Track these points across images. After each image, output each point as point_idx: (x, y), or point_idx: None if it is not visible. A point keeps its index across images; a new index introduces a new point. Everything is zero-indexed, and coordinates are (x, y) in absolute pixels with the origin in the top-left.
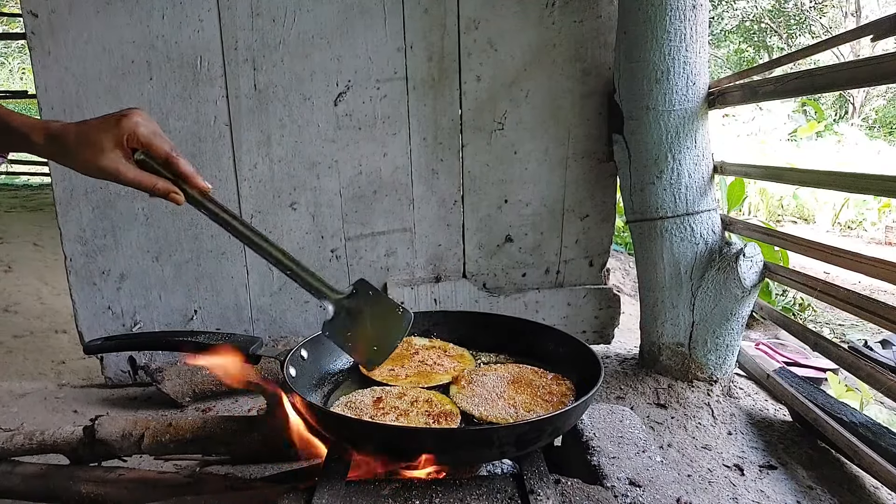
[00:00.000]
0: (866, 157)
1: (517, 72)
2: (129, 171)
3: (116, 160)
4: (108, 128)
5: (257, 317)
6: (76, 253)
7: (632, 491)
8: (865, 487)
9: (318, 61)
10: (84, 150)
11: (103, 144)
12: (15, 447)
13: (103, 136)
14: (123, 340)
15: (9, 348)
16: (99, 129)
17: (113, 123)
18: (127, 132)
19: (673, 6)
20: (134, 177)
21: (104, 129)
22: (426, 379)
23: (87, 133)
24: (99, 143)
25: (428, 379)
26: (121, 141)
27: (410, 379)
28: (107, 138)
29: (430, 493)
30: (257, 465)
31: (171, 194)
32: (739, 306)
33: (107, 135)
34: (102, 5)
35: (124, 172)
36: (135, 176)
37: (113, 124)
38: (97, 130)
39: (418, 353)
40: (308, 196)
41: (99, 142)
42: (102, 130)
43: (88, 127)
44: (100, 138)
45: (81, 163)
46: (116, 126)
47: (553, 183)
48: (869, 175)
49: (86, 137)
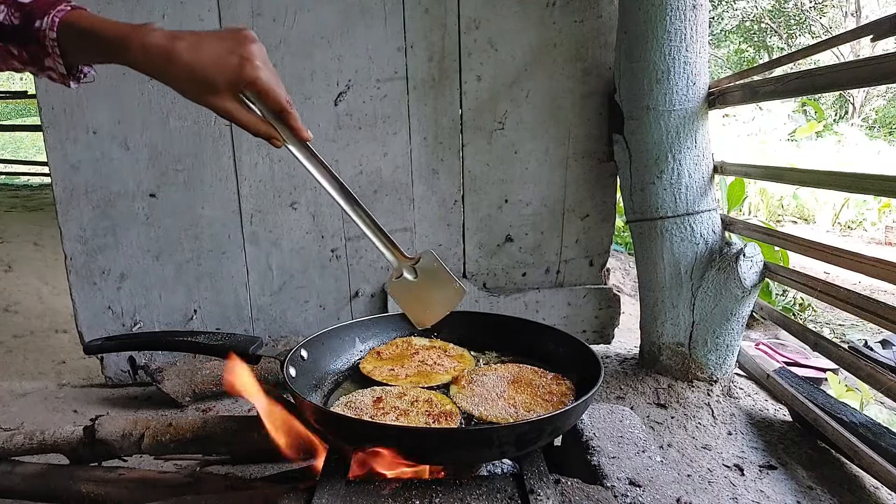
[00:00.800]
0: (866, 157)
1: (518, 72)
2: (239, 112)
3: (227, 101)
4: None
5: (257, 316)
6: (76, 252)
7: (632, 491)
8: (865, 487)
9: (319, 61)
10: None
11: (218, 85)
12: (15, 447)
13: (221, 78)
14: (123, 340)
15: (9, 348)
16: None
17: (234, 66)
18: (248, 80)
19: (673, 6)
20: (244, 118)
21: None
22: (426, 379)
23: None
24: (214, 85)
25: (428, 379)
26: (238, 86)
27: (411, 379)
28: (224, 81)
29: (430, 493)
30: (257, 465)
31: (273, 139)
32: (739, 306)
33: (225, 77)
34: (104, 5)
35: (235, 113)
36: (245, 117)
37: (234, 68)
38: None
39: (419, 353)
40: (308, 195)
41: (214, 82)
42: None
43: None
44: (215, 79)
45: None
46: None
47: (553, 183)
48: (869, 175)
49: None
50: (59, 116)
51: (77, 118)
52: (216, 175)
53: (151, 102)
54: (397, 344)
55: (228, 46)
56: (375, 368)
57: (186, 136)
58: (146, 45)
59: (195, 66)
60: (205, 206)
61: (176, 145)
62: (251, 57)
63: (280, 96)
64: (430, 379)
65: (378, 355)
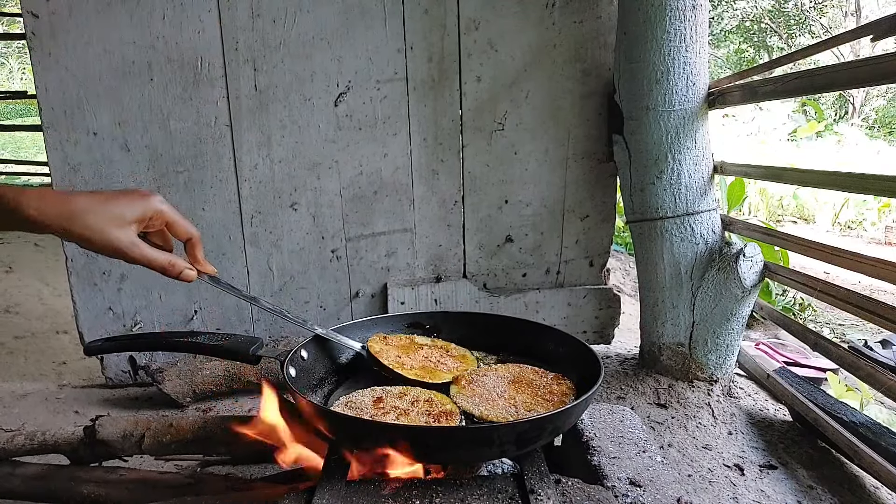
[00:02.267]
0: (866, 157)
1: (517, 72)
2: (143, 248)
3: (131, 235)
4: (134, 202)
5: (257, 317)
6: (77, 253)
7: (632, 491)
8: (865, 487)
9: (319, 62)
10: (97, 218)
11: (125, 216)
12: (16, 448)
13: (127, 209)
14: (124, 341)
15: (10, 349)
16: (121, 202)
17: (138, 199)
18: (153, 211)
19: (673, 6)
20: (147, 253)
21: (128, 202)
22: (431, 375)
23: (107, 201)
24: (120, 215)
25: (432, 375)
26: (145, 218)
27: (415, 371)
28: (131, 211)
29: (430, 493)
30: (257, 465)
31: (186, 271)
32: (739, 306)
33: (131, 207)
34: (103, 6)
35: (138, 248)
36: (149, 253)
37: (139, 199)
38: (118, 203)
39: (423, 348)
40: (309, 196)
41: (120, 213)
42: (126, 203)
43: (107, 195)
44: (121, 211)
45: (88, 231)
46: (143, 202)
47: (553, 183)
48: (869, 175)
49: (103, 206)
50: (59, 117)
51: (77, 120)
52: (216, 176)
53: (152, 104)
54: (401, 338)
55: (128, 190)
56: (383, 350)
57: (187, 137)
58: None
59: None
60: (205, 208)
61: (176, 147)
62: (152, 194)
63: (187, 225)
64: (434, 376)
65: (385, 339)
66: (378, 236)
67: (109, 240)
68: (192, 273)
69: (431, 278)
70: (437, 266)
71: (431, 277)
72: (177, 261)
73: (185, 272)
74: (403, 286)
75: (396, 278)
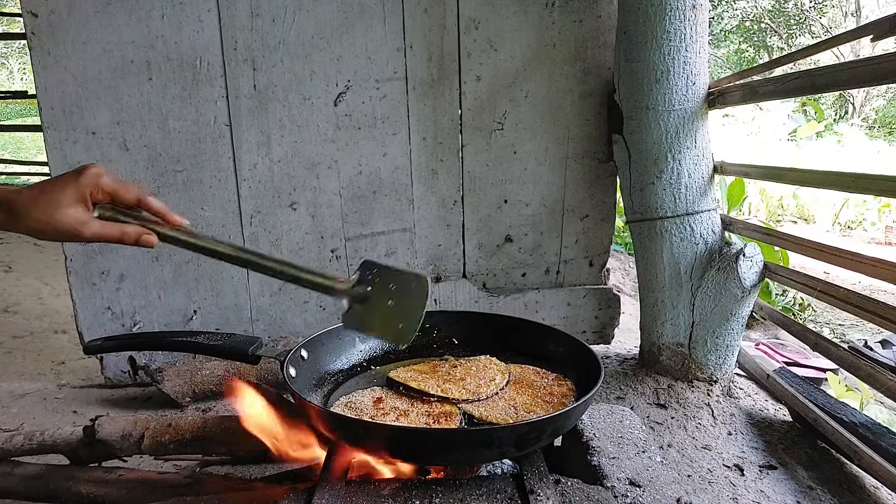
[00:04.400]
0: (866, 157)
1: (517, 72)
2: (92, 224)
3: (76, 215)
4: (67, 184)
5: (257, 317)
6: (76, 253)
7: (632, 491)
8: (865, 487)
9: (318, 61)
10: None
11: (61, 200)
12: (15, 447)
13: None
14: (123, 340)
15: (8, 349)
16: (56, 186)
17: (72, 179)
18: (90, 185)
19: (673, 6)
20: (99, 229)
21: (62, 185)
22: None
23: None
24: (56, 200)
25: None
26: (83, 195)
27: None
28: (66, 194)
29: (430, 493)
30: (257, 465)
31: (143, 237)
32: (739, 306)
33: (66, 191)
34: (102, 5)
35: (88, 225)
36: (100, 228)
37: (72, 179)
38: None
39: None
40: (308, 196)
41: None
42: (60, 188)
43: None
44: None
45: (36, 223)
46: (76, 181)
47: (553, 183)
48: (869, 175)
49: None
50: (59, 117)
51: (77, 119)
52: (215, 176)
53: (151, 103)
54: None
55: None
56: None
57: (186, 136)
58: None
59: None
60: (204, 207)
61: (175, 146)
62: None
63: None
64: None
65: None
66: (377, 236)
67: (57, 227)
68: (150, 238)
69: (431, 278)
70: (436, 266)
71: (431, 277)
72: (128, 228)
73: (142, 238)
74: None
75: None
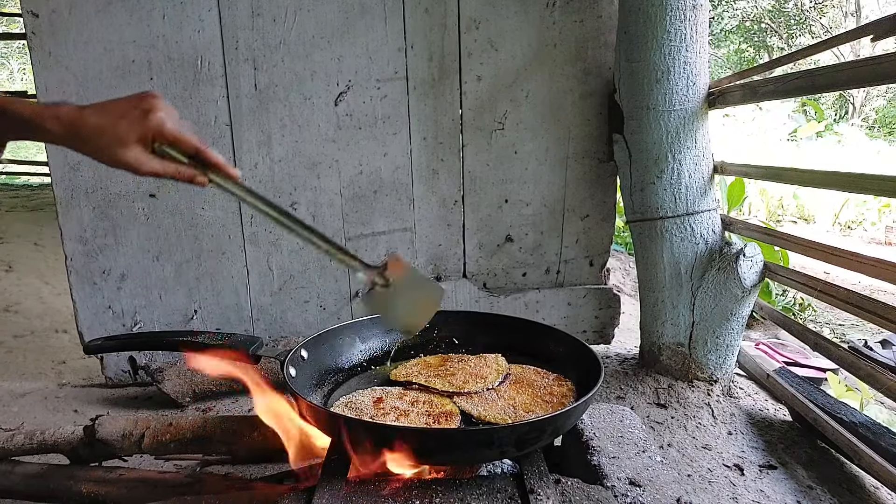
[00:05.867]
0: (866, 157)
1: (517, 72)
2: (151, 163)
3: (138, 154)
4: (133, 123)
5: (257, 317)
6: (77, 253)
7: (632, 491)
8: (865, 487)
9: (319, 61)
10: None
11: (126, 139)
12: (15, 447)
13: (127, 132)
14: (124, 340)
15: (9, 348)
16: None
17: (137, 118)
18: (153, 129)
19: (673, 6)
20: (157, 167)
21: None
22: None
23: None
24: (121, 138)
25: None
26: (146, 136)
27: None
28: (131, 133)
29: (430, 493)
30: (257, 465)
31: (198, 178)
32: (739, 306)
33: (131, 130)
34: (103, 5)
35: (146, 165)
36: (157, 166)
37: (137, 119)
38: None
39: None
40: (308, 196)
41: (121, 137)
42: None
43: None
44: (122, 133)
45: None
46: (141, 122)
47: (553, 183)
48: (869, 175)
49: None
50: None
51: None
52: None
53: None
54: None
55: (132, 104)
56: (411, 374)
57: None
58: (59, 116)
59: (103, 125)
60: (205, 207)
61: None
62: (153, 109)
63: (190, 139)
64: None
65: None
66: (378, 235)
67: (117, 162)
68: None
69: (431, 277)
70: (436, 265)
71: (431, 277)
72: (183, 168)
73: (196, 179)
74: None
75: None
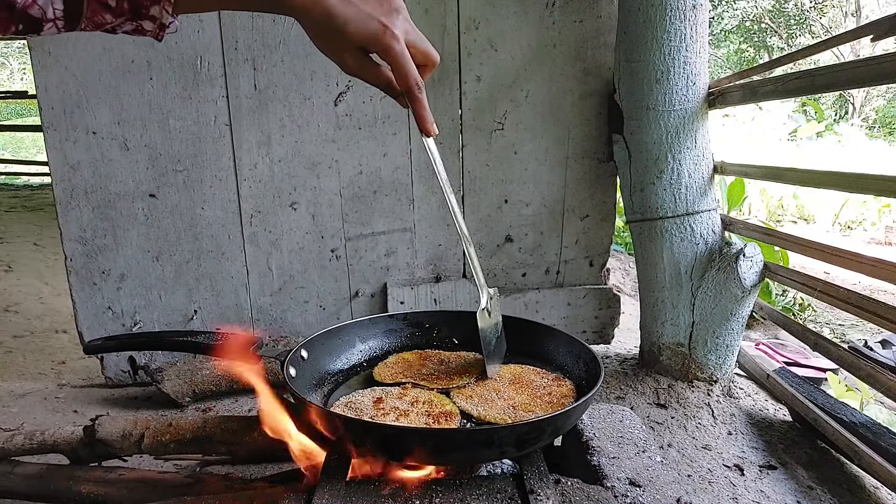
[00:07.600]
0: (866, 157)
1: (517, 72)
2: (366, 67)
3: (351, 58)
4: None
5: (257, 317)
6: (76, 253)
7: (632, 491)
8: (865, 487)
9: (319, 61)
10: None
11: (347, 45)
12: (15, 447)
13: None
14: (123, 340)
15: (9, 348)
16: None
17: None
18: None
19: (673, 6)
20: (368, 74)
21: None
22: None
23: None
24: (344, 42)
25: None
26: (367, 49)
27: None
28: (355, 41)
29: (430, 493)
30: (257, 465)
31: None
32: (739, 306)
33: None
34: None
35: (362, 68)
36: (368, 73)
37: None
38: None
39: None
40: (308, 196)
41: (345, 41)
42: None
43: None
44: (348, 38)
45: (320, 41)
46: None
47: (553, 183)
48: (869, 175)
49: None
50: (59, 117)
51: (77, 119)
52: (216, 175)
53: (151, 103)
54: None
55: (374, 9)
56: (393, 374)
57: (186, 136)
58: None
59: (335, 18)
60: (204, 207)
61: (175, 146)
62: (391, 26)
63: (410, 75)
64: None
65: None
66: (378, 236)
67: (331, 56)
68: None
69: (431, 278)
70: (436, 266)
71: (431, 277)
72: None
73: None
74: (403, 286)
75: (396, 278)
